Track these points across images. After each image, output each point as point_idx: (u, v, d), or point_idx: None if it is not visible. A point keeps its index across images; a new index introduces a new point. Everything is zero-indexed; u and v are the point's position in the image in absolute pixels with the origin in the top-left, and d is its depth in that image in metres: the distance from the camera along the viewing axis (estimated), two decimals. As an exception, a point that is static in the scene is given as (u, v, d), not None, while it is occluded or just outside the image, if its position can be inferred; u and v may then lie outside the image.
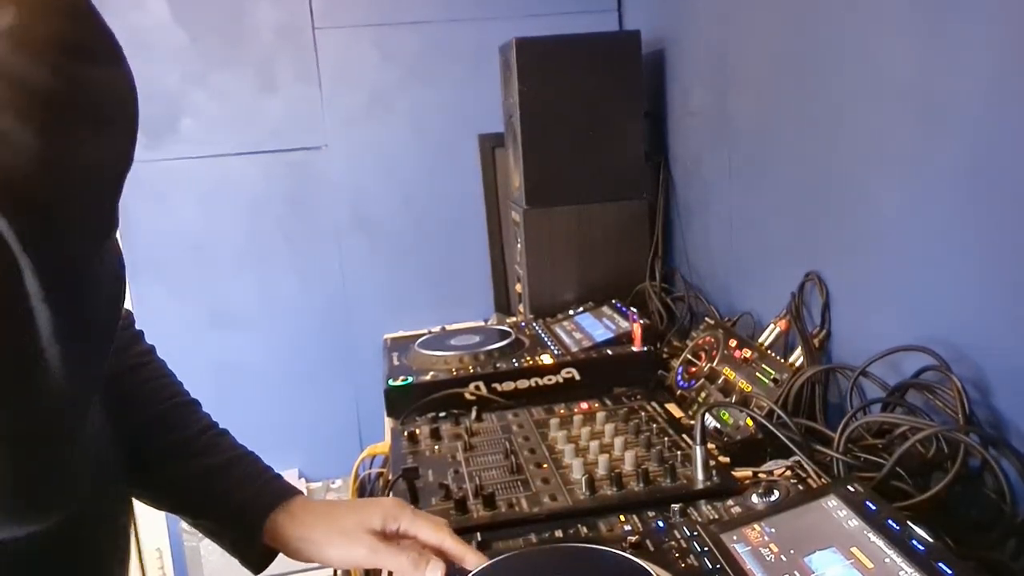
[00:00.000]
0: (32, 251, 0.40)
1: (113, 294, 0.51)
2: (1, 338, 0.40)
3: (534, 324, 1.84)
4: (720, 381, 1.43)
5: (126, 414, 0.84)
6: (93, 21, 0.47)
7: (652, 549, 0.91)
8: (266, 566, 0.91)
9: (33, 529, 0.47)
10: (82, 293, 0.44)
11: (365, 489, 2.07)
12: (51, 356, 0.42)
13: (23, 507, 0.45)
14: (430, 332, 1.82)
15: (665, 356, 1.64)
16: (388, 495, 1.08)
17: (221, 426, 0.95)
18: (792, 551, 0.84)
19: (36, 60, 0.41)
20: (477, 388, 1.45)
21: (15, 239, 0.39)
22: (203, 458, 0.89)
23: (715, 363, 1.47)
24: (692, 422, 1.14)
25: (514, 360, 1.55)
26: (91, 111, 0.45)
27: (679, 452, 1.14)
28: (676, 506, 0.99)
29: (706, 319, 1.63)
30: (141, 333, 0.96)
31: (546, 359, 1.54)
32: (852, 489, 0.90)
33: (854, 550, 0.81)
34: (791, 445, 1.08)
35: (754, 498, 0.98)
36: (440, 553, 0.88)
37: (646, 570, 0.84)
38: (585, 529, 0.98)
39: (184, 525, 1.59)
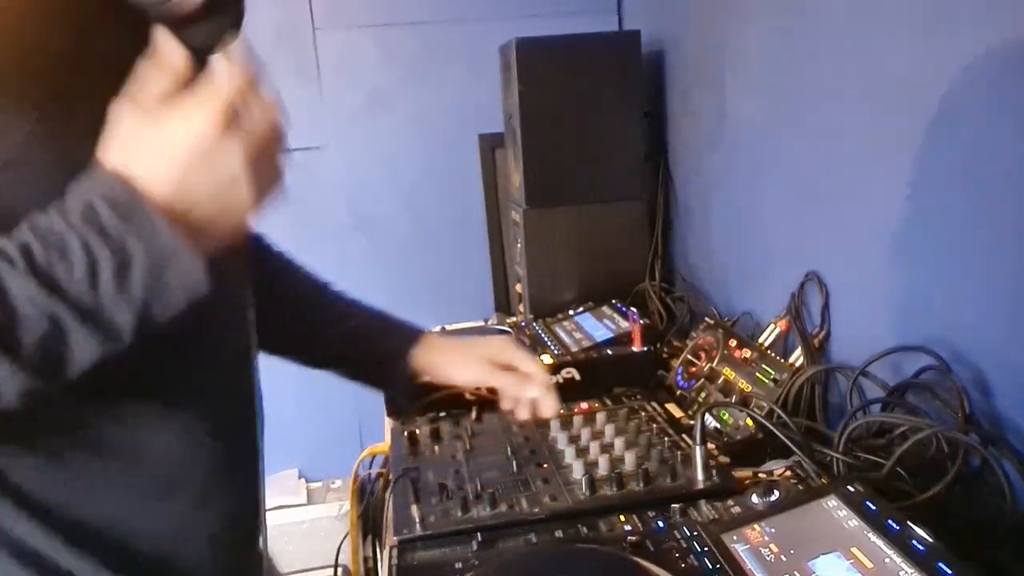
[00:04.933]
0: None
1: None
2: None
3: (534, 324, 1.84)
4: (720, 381, 1.43)
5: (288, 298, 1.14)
6: None
7: (652, 549, 0.91)
8: (417, 396, 1.20)
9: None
10: None
11: (365, 489, 2.06)
12: None
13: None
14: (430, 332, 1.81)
15: (665, 356, 1.63)
16: (388, 495, 1.09)
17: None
18: (792, 551, 0.84)
19: None
20: (477, 388, 1.45)
21: None
22: (350, 321, 1.13)
23: (715, 363, 1.47)
24: (692, 422, 1.14)
25: (514, 360, 1.55)
26: None
27: (679, 452, 1.14)
28: (676, 506, 0.99)
29: (706, 319, 1.63)
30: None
31: (546, 359, 1.53)
32: (852, 489, 0.90)
33: (854, 550, 0.81)
34: (791, 445, 1.07)
35: (754, 498, 0.98)
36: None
37: (646, 570, 0.84)
38: (585, 529, 0.98)
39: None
